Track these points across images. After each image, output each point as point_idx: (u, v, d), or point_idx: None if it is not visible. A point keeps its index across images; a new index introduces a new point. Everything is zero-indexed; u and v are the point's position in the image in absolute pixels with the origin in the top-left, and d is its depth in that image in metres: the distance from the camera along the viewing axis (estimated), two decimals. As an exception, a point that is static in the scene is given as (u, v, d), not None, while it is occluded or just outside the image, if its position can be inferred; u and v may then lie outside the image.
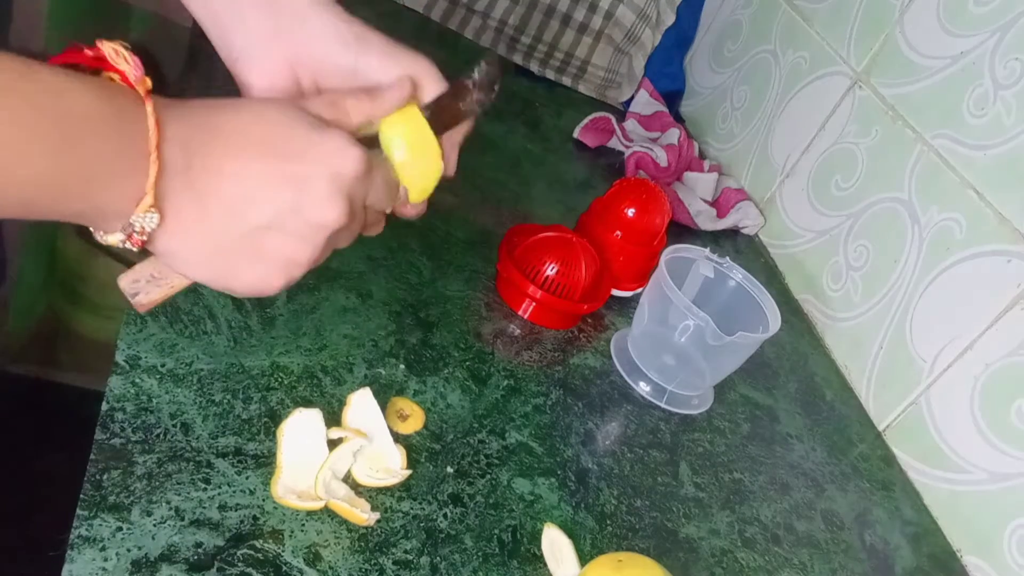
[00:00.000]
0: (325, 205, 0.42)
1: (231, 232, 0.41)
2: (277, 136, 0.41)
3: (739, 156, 1.23)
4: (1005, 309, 0.80)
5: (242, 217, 0.41)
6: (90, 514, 0.45)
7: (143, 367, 0.54)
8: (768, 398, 0.86)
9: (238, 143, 0.40)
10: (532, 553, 0.57)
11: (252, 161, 0.41)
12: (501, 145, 1.05)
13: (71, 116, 0.35)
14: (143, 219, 0.38)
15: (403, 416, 0.61)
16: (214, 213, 0.40)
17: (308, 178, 0.41)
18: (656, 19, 1.30)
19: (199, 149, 0.39)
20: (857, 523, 0.76)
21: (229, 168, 0.40)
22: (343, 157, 0.42)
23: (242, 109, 0.42)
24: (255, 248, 0.42)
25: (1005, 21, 0.85)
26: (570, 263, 0.76)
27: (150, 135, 0.37)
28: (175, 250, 0.41)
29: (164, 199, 0.39)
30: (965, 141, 0.88)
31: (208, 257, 0.42)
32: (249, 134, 0.41)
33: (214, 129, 0.40)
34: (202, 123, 0.40)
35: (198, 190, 0.40)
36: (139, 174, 0.37)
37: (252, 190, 0.41)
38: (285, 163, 0.41)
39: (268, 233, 0.42)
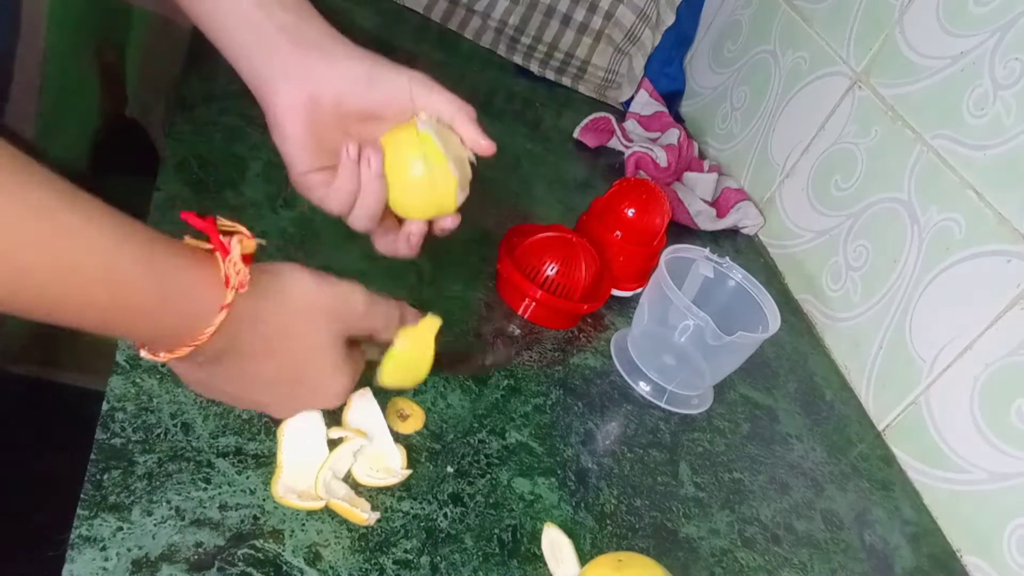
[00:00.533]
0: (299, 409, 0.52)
1: (226, 395, 0.50)
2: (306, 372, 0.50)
3: (739, 156, 1.23)
4: (1005, 309, 0.80)
5: (240, 395, 0.50)
6: (90, 514, 0.45)
7: (144, 367, 0.54)
8: (768, 398, 0.86)
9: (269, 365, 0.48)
10: (532, 553, 0.57)
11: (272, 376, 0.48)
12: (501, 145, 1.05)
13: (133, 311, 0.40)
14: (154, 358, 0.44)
15: (403, 416, 0.61)
16: (217, 384, 0.48)
17: (302, 399, 0.51)
18: (656, 19, 1.30)
19: (232, 358, 0.46)
20: (857, 523, 0.76)
21: (248, 376, 0.48)
22: (330, 397, 0.52)
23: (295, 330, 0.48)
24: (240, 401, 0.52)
25: (1005, 21, 0.86)
26: (570, 263, 0.76)
27: (200, 339, 0.42)
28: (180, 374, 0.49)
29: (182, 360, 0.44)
30: (965, 141, 0.88)
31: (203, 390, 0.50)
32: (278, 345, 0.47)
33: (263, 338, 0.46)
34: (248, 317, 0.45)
35: (214, 371, 0.47)
36: (176, 344, 0.43)
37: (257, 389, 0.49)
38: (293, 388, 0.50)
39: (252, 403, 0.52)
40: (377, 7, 1.17)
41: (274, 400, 0.51)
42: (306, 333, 0.48)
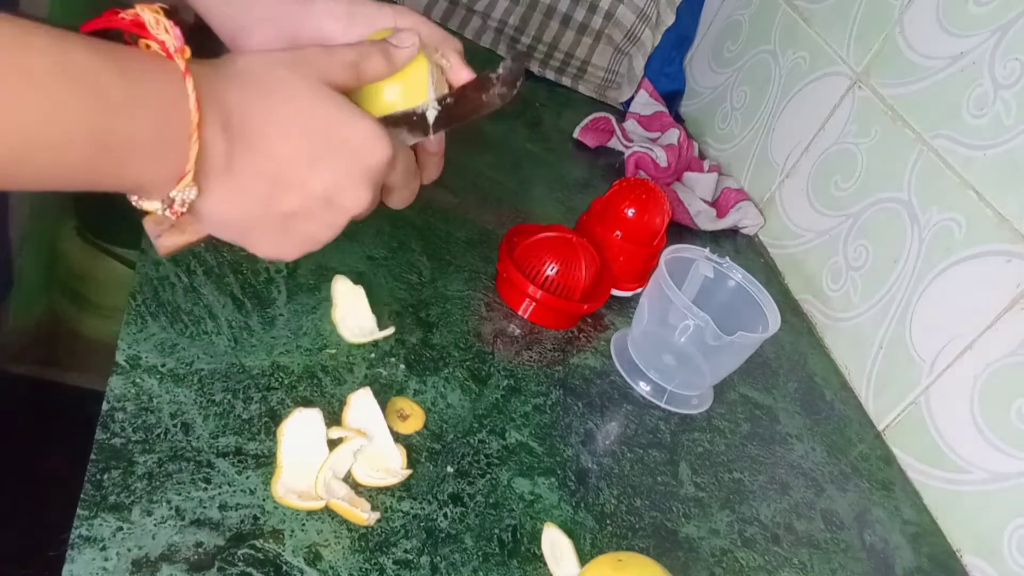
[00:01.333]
0: (353, 195, 0.44)
1: (264, 212, 0.43)
2: (309, 124, 0.43)
3: (739, 156, 1.23)
4: (1005, 309, 0.80)
5: (276, 201, 0.43)
6: (90, 514, 0.45)
7: (143, 367, 0.54)
8: (768, 398, 0.86)
9: (275, 128, 0.42)
10: (532, 553, 0.57)
11: (288, 147, 0.42)
12: (501, 145, 1.05)
13: (108, 105, 0.35)
14: (182, 193, 0.40)
15: (403, 416, 0.61)
16: (249, 193, 0.42)
17: (342, 173, 0.44)
18: (656, 19, 1.30)
19: (237, 131, 0.40)
20: (857, 523, 0.76)
21: (266, 152, 0.42)
22: (373, 148, 0.44)
23: (273, 89, 0.42)
24: (282, 226, 0.44)
25: (1005, 21, 0.85)
26: (570, 263, 0.76)
27: (191, 118, 0.38)
28: (206, 215, 0.43)
29: (203, 176, 0.40)
30: (965, 141, 0.88)
31: (238, 226, 0.44)
32: (281, 120, 0.42)
33: (252, 110, 0.41)
34: (242, 102, 0.41)
35: (235, 171, 0.41)
36: (179, 154, 0.38)
37: (287, 176, 0.42)
38: (317, 148, 0.43)
39: (298, 218, 0.44)
40: (377, 7, 1.17)
41: (332, 179, 0.43)
42: (297, 85, 0.43)
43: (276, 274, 0.67)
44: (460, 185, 0.91)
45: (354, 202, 0.45)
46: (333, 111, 0.43)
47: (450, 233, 0.83)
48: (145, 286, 0.60)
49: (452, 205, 0.88)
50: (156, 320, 0.58)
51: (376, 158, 0.44)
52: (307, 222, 0.44)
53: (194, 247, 0.46)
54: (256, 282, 0.65)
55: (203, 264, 0.64)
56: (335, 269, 0.70)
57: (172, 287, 0.61)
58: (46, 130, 0.34)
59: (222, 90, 0.40)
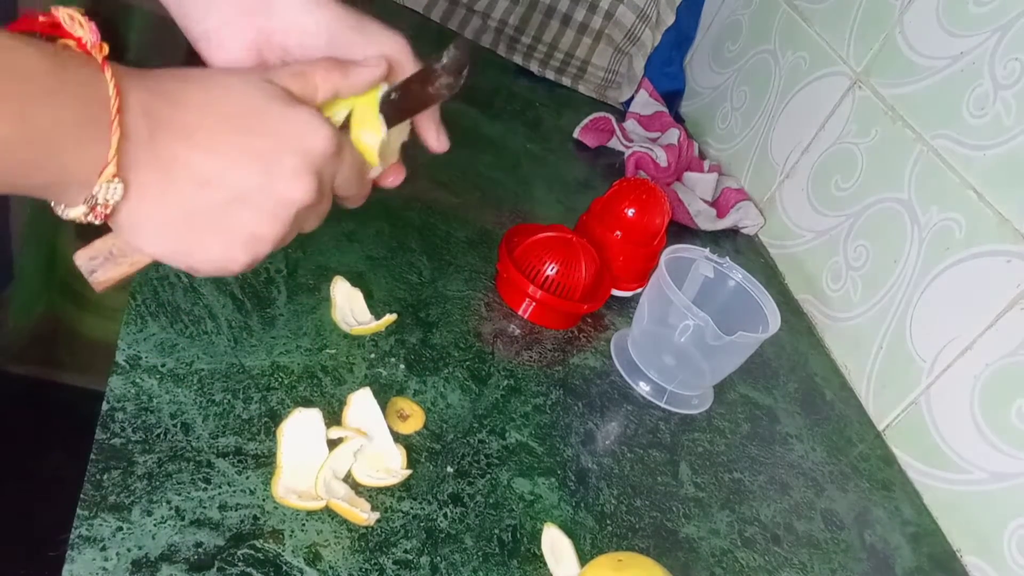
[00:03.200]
0: (293, 181, 0.41)
1: (197, 204, 0.40)
2: (245, 110, 0.40)
3: (739, 156, 1.23)
4: (1005, 309, 0.80)
5: (209, 190, 0.40)
6: (90, 514, 0.45)
7: (143, 367, 0.54)
8: (768, 398, 0.86)
9: (205, 115, 0.39)
10: (532, 553, 0.57)
11: (220, 134, 0.40)
12: (501, 145, 1.05)
13: (26, 84, 0.34)
14: (106, 189, 0.37)
15: (403, 416, 0.61)
16: (180, 184, 0.39)
17: (277, 153, 0.41)
18: (656, 19, 1.30)
19: (164, 119, 0.38)
20: (857, 523, 0.76)
21: (195, 140, 0.39)
22: (313, 134, 0.41)
23: (208, 80, 0.41)
24: (220, 222, 0.41)
25: (1005, 21, 0.85)
26: (570, 263, 0.76)
27: (111, 102, 0.36)
28: (138, 223, 0.40)
29: (128, 169, 0.38)
30: (965, 141, 0.88)
31: (172, 231, 0.40)
32: (216, 106, 0.40)
33: (179, 99, 0.39)
34: (166, 92, 0.39)
35: (163, 161, 0.38)
36: (101, 143, 0.36)
37: (219, 163, 0.40)
38: (254, 138, 0.40)
39: (234, 207, 0.40)
40: (377, 7, 1.17)
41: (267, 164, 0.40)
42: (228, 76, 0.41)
43: (276, 274, 0.67)
44: (460, 185, 0.91)
45: (293, 190, 0.41)
46: (267, 98, 0.41)
47: (450, 233, 0.83)
48: (145, 286, 0.60)
49: (452, 205, 0.88)
50: (156, 320, 0.58)
51: (314, 143, 0.41)
52: (246, 213, 0.41)
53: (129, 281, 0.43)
54: (256, 282, 0.65)
55: (203, 264, 0.64)
56: (335, 269, 0.70)
57: (172, 287, 0.61)
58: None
59: (147, 81, 0.38)
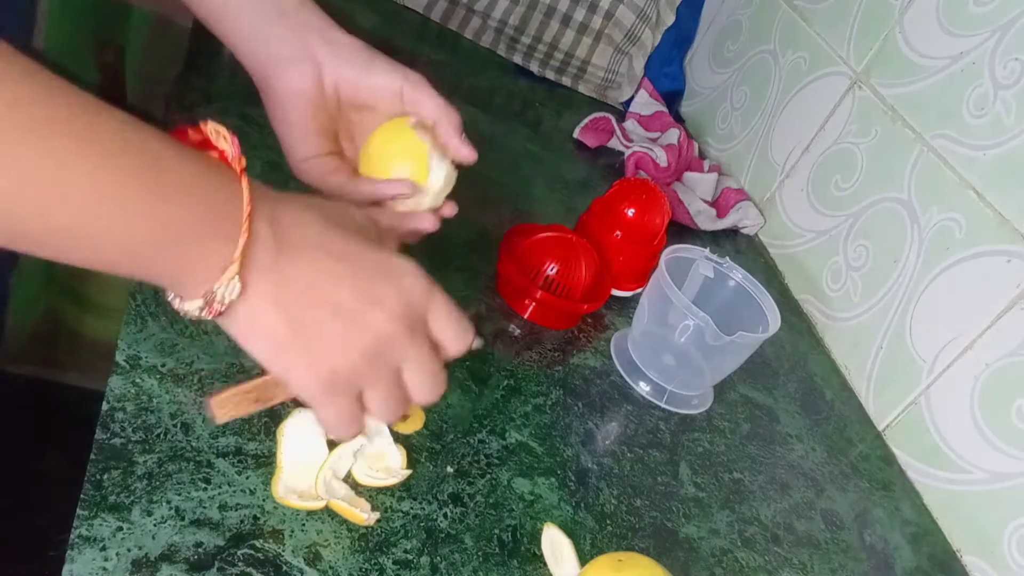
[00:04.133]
0: (382, 307, 0.44)
1: (304, 320, 0.42)
2: (354, 245, 0.44)
3: (739, 156, 1.23)
4: (1005, 309, 0.80)
5: (315, 308, 0.42)
6: (90, 514, 0.45)
7: (143, 367, 0.54)
8: (768, 398, 0.86)
9: (320, 239, 0.43)
10: (532, 553, 0.57)
11: (331, 260, 0.43)
12: (501, 145, 1.05)
13: (170, 180, 0.37)
14: (225, 288, 0.39)
15: (403, 416, 0.61)
16: (292, 298, 0.42)
17: (376, 284, 0.44)
18: (656, 19, 1.30)
19: (286, 233, 0.41)
20: (857, 523, 0.76)
21: (312, 261, 0.42)
22: (409, 274, 0.45)
23: (324, 210, 0.45)
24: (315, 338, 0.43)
25: (1005, 21, 0.86)
26: (570, 263, 0.76)
27: (244, 205, 0.39)
28: (246, 324, 0.42)
29: (249, 272, 0.40)
30: (965, 141, 0.88)
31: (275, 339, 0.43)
32: (329, 235, 0.43)
33: (302, 219, 0.43)
34: (291, 211, 0.42)
35: (281, 271, 0.41)
36: (229, 242, 0.39)
37: (328, 287, 0.42)
38: (360, 269, 0.44)
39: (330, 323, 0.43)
40: (377, 7, 1.17)
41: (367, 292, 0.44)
42: (335, 210, 0.46)
43: (276, 274, 0.67)
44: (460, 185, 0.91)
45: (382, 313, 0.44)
46: (376, 241, 0.46)
47: (450, 233, 0.83)
48: (145, 286, 0.60)
49: (452, 205, 0.87)
50: (156, 320, 0.58)
51: (411, 281, 0.45)
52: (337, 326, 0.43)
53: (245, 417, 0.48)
54: (256, 282, 0.65)
55: (203, 264, 0.64)
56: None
57: (172, 287, 0.61)
58: (107, 198, 0.34)
59: (273, 196, 0.42)
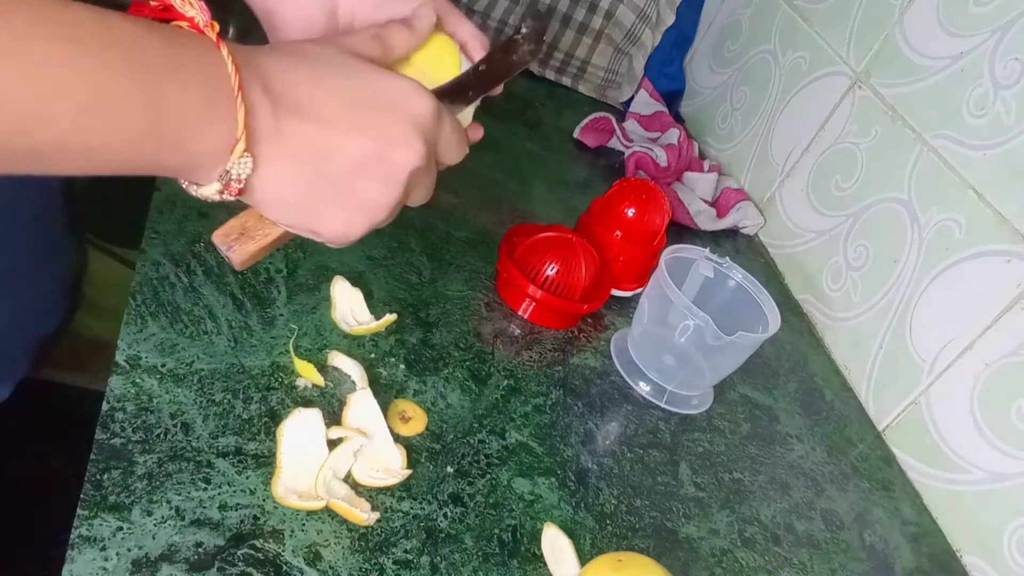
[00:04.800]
0: (405, 147, 0.44)
1: (321, 176, 0.42)
2: (347, 83, 0.43)
3: (739, 156, 1.23)
4: (1005, 309, 0.80)
5: (330, 162, 0.42)
6: (90, 514, 0.45)
7: (143, 367, 0.54)
8: (768, 398, 0.86)
9: (314, 90, 0.42)
10: (532, 553, 0.57)
11: (330, 108, 0.42)
12: (501, 145, 1.05)
13: (150, 71, 0.35)
14: (238, 165, 0.39)
15: (405, 418, 0.61)
16: (303, 157, 0.42)
17: (387, 123, 0.43)
18: (656, 19, 1.30)
19: (279, 95, 0.40)
20: (857, 523, 0.76)
21: (310, 114, 0.41)
22: (417, 101, 0.44)
23: (306, 56, 0.43)
24: (342, 192, 0.43)
25: (1005, 21, 0.85)
26: (570, 263, 0.76)
27: (232, 79, 0.38)
28: (267, 195, 0.42)
29: (255, 144, 0.39)
30: (965, 141, 0.88)
31: (299, 201, 0.43)
32: (321, 81, 0.42)
33: (288, 76, 0.41)
34: (275, 70, 0.41)
35: (285, 134, 0.41)
36: (228, 119, 0.38)
37: (335, 136, 0.42)
38: (361, 109, 0.43)
39: (353, 177, 0.43)
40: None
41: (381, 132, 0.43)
42: (329, 51, 0.44)
43: (276, 274, 0.67)
44: (460, 185, 0.91)
45: (407, 152, 0.44)
46: (369, 71, 0.44)
47: (450, 233, 0.83)
48: (145, 286, 0.60)
49: (452, 205, 0.87)
50: (156, 320, 0.58)
51: (421, 108, 0.45)
52: (366, 181, 0.44)
53: (267, 254, 0.46)
54: (256, 282, 0.65)
55: (203, 264, 0.64)
56: (335, 269, 0.70)
57: (172, 287, 0.61)
58: (101, 95, 0.34)
59: (256, 57, 0.40)
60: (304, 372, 0.59)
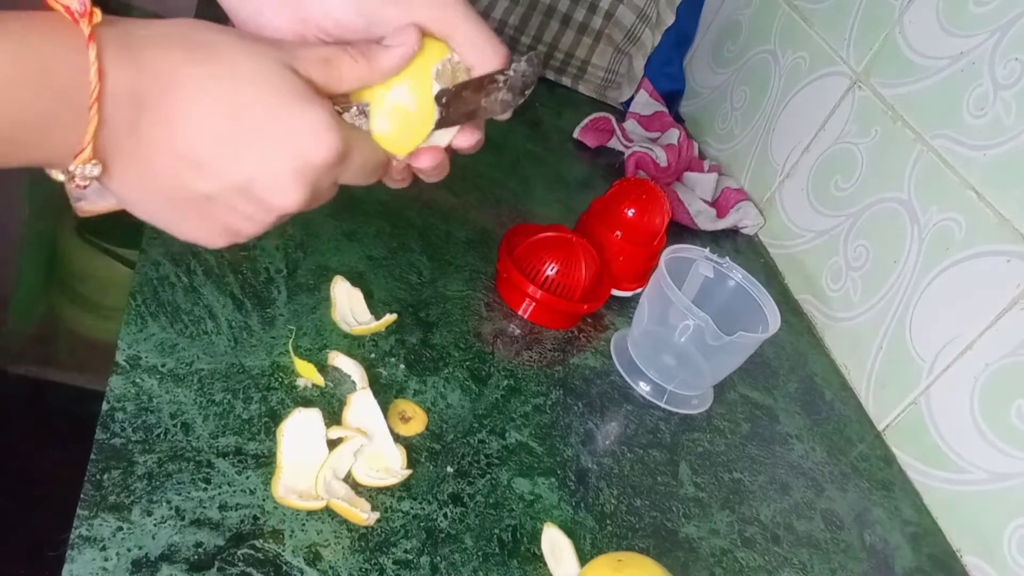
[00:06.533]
0: (280, 191, 0.39)
1: (178, 192, 0.38)
2: (248, 100, 0.37)
3: (739, 156, 1.23)
4: (1005, 309, 0.80)
5: (188, 183, 0.38)
6: (90, 514, 0.45)
7: (143, 367, 0.54)
8: (768, 398, 0.86)
9: (199, 100, 0.36)
10: (532, 553, 0.57)
11: (211, 124, 0.37)
12: (501, 145, 1.05)
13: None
14: (84, 169, 0.36)
15: (405, 418, 0.61)
16: (160, 171, 0.37)
17: (270, 155, 0.38)
18: (656, 19, 1.30)
19: (151, 103, 0.36)
20: (857, 523, 0.76)
21: (183, 128, 0.36)
22: (315, 143, 0.38)
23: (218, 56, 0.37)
24: (199, 210, 0.39)
25: (1005, 21, 0.85)
26: (570, 263, 0.76)
27: (90, 90, 0.34)
28: (122, 196, 0.39)
29: (107, 151, 0.36)
30: (965, 141, 0.88)
31: (153, 206, 0.39)
32: (215, 90, 0.36)
33: (174, 80, 0.36)
34: (160, 73, 0.36)
35: (144, 146, 0.36)
36: (74, 131, 0.34)
37: (203, 156, 0.37)
38: (248, 133, 0.37)
39: (214, 203, 0.39)
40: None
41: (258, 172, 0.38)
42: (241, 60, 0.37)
43: (276, 274, 0.67)
44: (460, 185, 0.91)
45: (282, 201, 0.39)
46: (276, 95, 0.37)
47: (450, 233, 0.83)
48: (145, 286, 0.60)
49: (452, 205, 0.87)
50: (156, 320, 0.58)
51: (318, 156, 0.38)
52: (225, 213, 0.39)
53: (116, 214, 0.41)
54: (256, 282, 0.65)
55: (203, 264, 0.64)
56: (335, 269, 0.70)
57: (172, 287, 0.61)
58: None
59: (141, 55, 0.35)
60: (304, 372, 0.60)
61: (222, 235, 0.41)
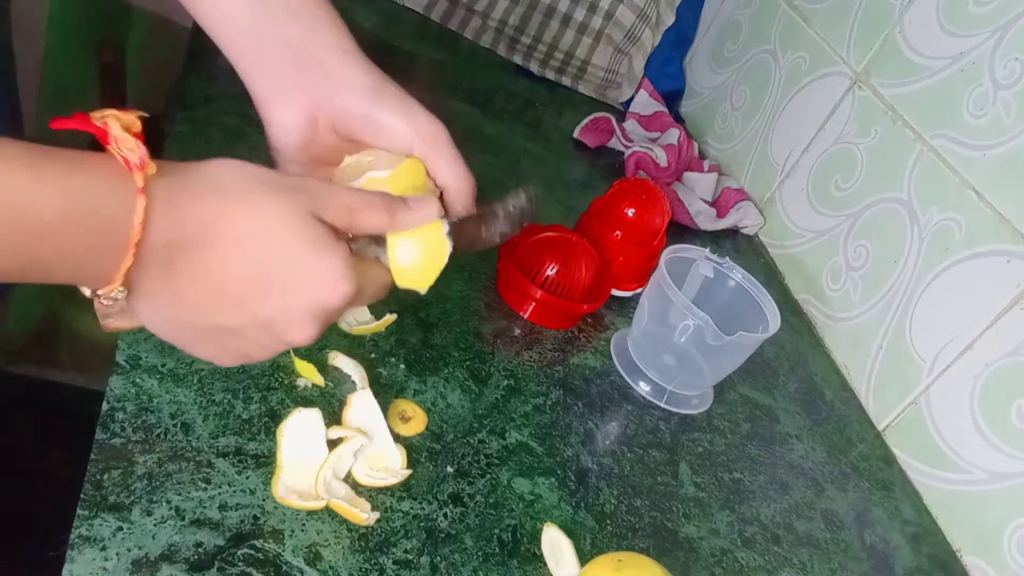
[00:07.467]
0: (297, 328, 0.42)
1: (197, 322, 0.41)
2: (274, 252, 0.40)
3: (739, 156, 1.23)
4: (1005, 309, 0.80)
5: (212, 315, 0.41)
6: (90, 514, 0.45)
7: (143, 367, 0.54)
8: (768, 398, 0.86)
9: (227, 253, 0.39)
10: (532, 553, 0.57)
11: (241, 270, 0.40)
12: (501, 145, 1.05)
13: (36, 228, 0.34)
14: (109, 292, 0.39)
15: (405, 418, 0.61)
16: (184, 302, 0.40)
17: (288, 302, 0.41)
18: (656, 19, 1.30)
19: (183, 254, 0.39)
20: (857, 523, 0.76)
21: (210, 275, 0.40)
22: (332, 290, 0.41)
23: (249, 208, 0.40)
24: (215, 339, 0.42)
25: (1005, 21, 0.85)
26: (570, 263, 0.76)
27: (132, 234, 0.37)
28: (141, 315, 0.42)
29: (134, 282, 0.39)
30: (965, 141, 0.88)
31: (174, 331, 0.43)
32: (246, 244, 0.40)
33: (206, 238, 0.39)
34: (199, 222, 0.39)
35: (171, 285, 0.40)
36: (112, 262, 0.37)
37: (231, 295, 0.40)
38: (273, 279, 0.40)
39: (232, 334, 0.42)
40: (377, 7, 1.17)
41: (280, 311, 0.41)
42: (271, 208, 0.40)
43: (276, 274, 0.67)
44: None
45: (297, 336, 0.42)
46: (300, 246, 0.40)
47: (450, 233, 0.83)
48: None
49: (452, 205, 0.87)
50: (156, 320, 0.58)
51: (335, 301, 0.42)
52: (242, 342, 0.42)
53: None
54: (256, 282, 0.65)
55: (203, 264, 0.64)
56: (335, 269, 0.70)
57: (172, 287, 0.61)
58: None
59: (181, 209, 0.39)
60: (304, 372, 0.60)
61: (233, 358, 0.44)
